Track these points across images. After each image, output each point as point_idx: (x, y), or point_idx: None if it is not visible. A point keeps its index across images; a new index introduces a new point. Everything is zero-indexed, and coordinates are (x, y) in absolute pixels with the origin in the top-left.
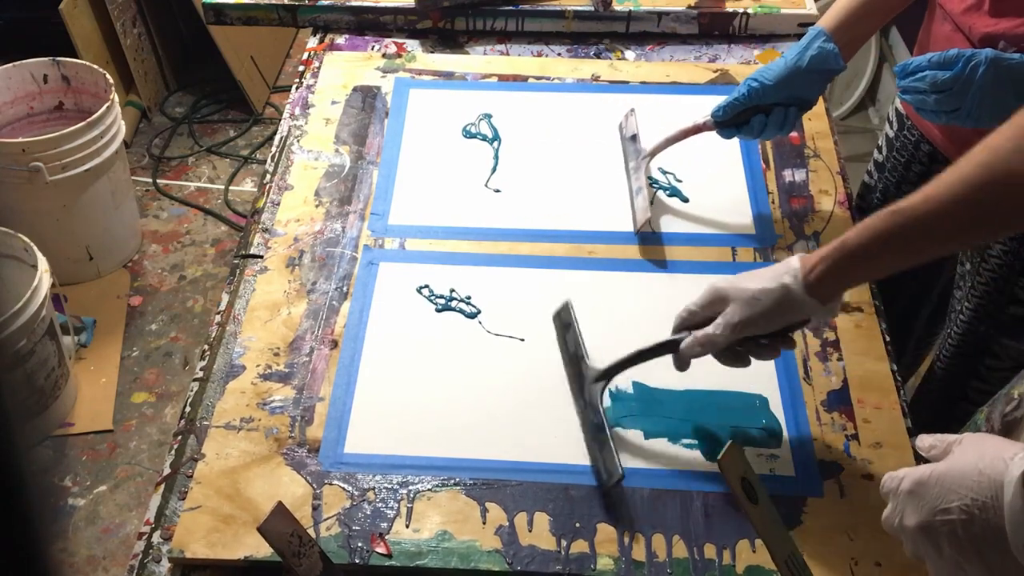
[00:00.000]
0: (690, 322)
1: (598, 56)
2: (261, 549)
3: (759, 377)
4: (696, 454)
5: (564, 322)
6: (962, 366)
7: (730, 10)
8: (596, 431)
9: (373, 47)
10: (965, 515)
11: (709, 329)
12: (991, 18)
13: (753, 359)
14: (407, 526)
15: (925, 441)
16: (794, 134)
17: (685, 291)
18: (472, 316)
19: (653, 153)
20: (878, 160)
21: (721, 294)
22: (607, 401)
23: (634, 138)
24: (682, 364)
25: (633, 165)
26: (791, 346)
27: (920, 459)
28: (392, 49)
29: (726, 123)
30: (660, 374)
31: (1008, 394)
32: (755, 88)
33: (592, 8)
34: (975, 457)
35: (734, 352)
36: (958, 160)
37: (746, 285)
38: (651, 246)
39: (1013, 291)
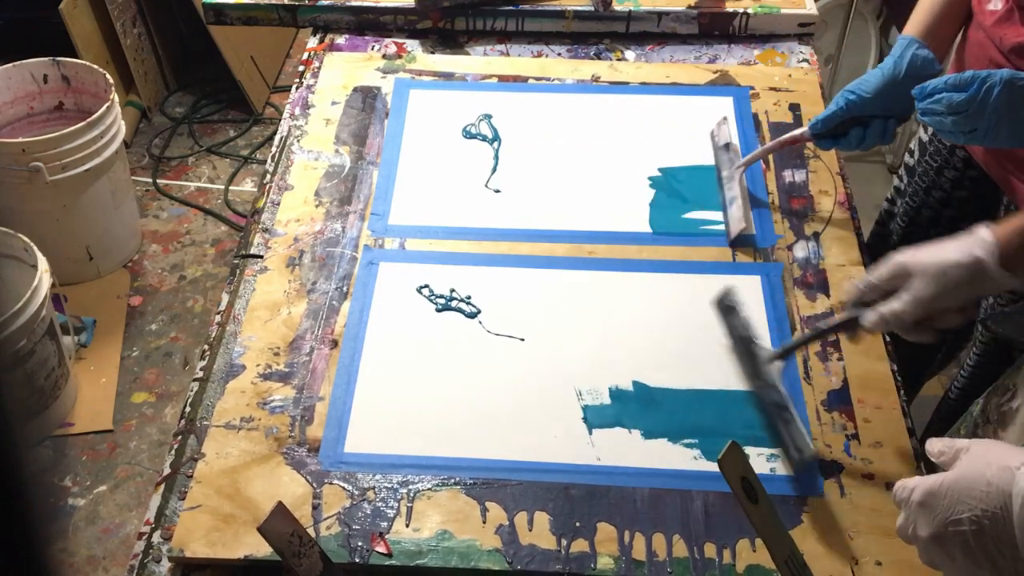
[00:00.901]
0: (869, 296)
1: (598, 56)
2: (261, 548)
3: None
4: (696, 454)
5: (727, 306)
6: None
7: (730, 10)
8: (780, 410)
9: (373, 47)
10: (976, 526)
11: (895, 305)
12: (1023, 27)
13: (939, 328)
14: (407, 525)
15: (935, 447)
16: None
17: (685, 291)
18: (472, 316)
19: (748, 163)
20: (909, 164)
21: (905, 268)
22: (608, 399)
23: (727, 147)
24: (859, 339)
25: (727, 174)
26: (975, 314)
27: (929, 463)
28: (392, 49)
29: (823, 135)
30: (660, 374)
31: (1003, 384)
32: (853, 101)
33: (592, 8)
34: (983, 466)
35: (919, 325)
36: None
37: (932, 259)
38: (651, 246)
39: None
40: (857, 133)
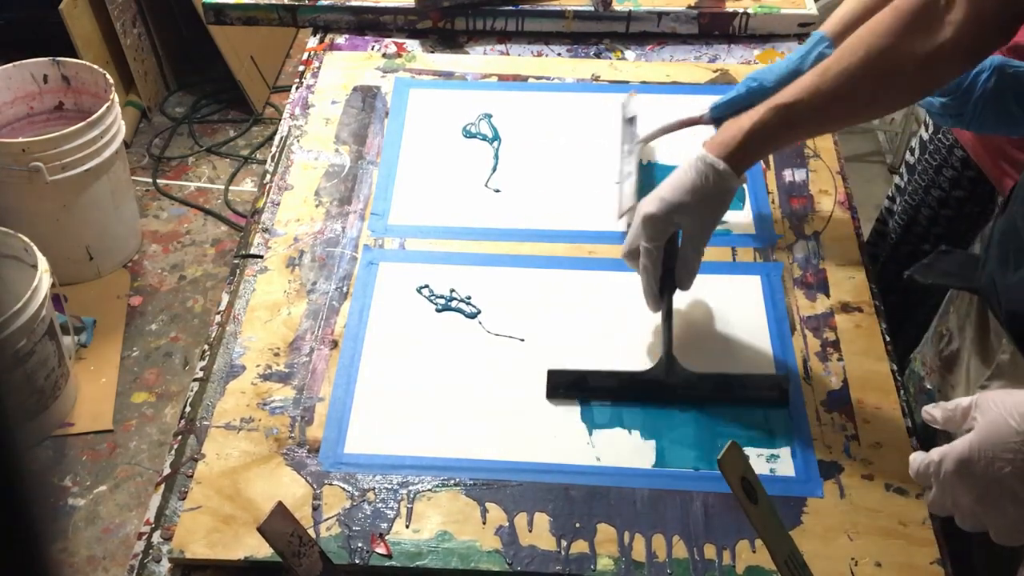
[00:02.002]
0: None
1: (598, 56)
2: (261, 549)
3: None
4: (696, 453)
5: (571, 382)
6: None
7: (730, 10)
8: (722, 383)
9: (373, 47)
10: (1020, 476)
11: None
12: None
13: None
14: (407, 526)
15: (935, 414)
16: None
17: (685, 291)
18: (472, 316)
19: (646, 140)
20: (909, 162)
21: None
22: (607, 401)
23: (632, 120)
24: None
25: (627, 148)
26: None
27: (925, 438)
28: (392, 49)
29: (723, 120)
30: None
31: (936, 331)
32: (754, 88)
33: (592, 8)
34: (1005, 416)
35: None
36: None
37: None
38: None
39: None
40: None
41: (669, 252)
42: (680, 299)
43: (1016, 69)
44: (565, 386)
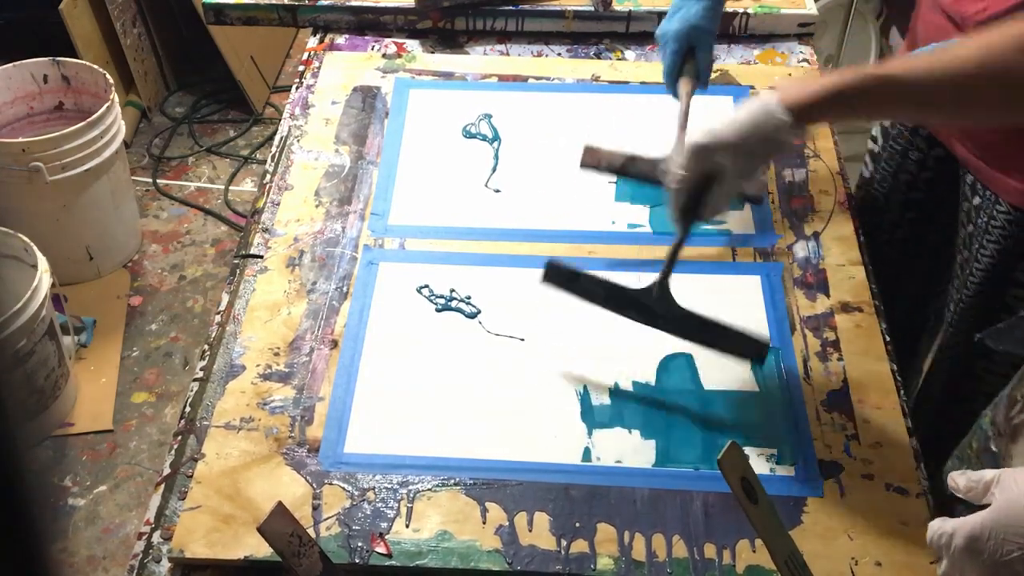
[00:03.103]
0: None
1: (598, 56)
2: (261, 549)
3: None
4: (696, 454)
5: (566, 278)
6: (958, 367)
7: (730, 10)
8: (705, 327)
9: (373, 47)
10: None
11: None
12: (981, 2)
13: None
14: (407, 526)
15: (959, 482)
16: None
17: (685, 291)
18: (472, 316)
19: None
20: (874, 150)
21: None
22: (607, 400)
23: (633, 159)
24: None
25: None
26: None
27: (938, 499)
28: (392, 49)
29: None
30: (660, 373)
31: (1011, 395)
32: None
33: (592, 8)
34: (1020, 498)
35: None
36: (956, 48)
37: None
38: (651, 246)
39: (1013, 274)
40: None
41: (705, 184)
42: (680, 298)
43: None
44: (559, 278)
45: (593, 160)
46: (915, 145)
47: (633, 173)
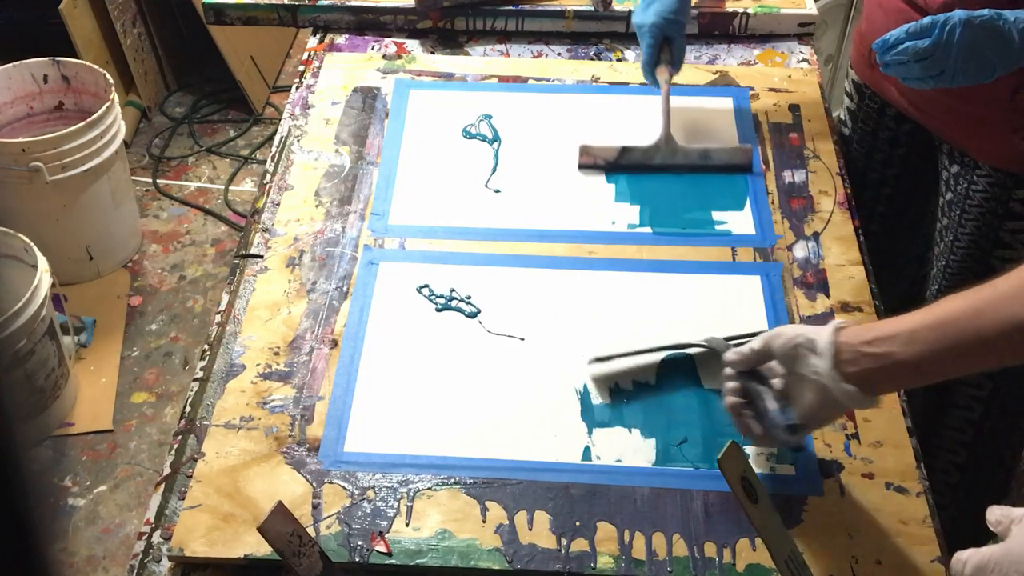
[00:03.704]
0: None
1: (598, 56)
2: (261, 548)
3: None
4: (696, 453)
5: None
6: None
7: (730, 10)
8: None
9: (373, 47)
10: None
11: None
12: None
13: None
14: (407, 525)
15: (993, 514)
16: (794, 135)
17: (685, 291)
18: (472, 316)
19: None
20: (844, 134)
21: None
22: (608, 399)
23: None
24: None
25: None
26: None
27: (980, 540)
28: (392, 49)
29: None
30: (660, 373)
31: None
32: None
33: (592, 8)
34: None
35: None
36: (1007, 278)
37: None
38: (651, 246)
39: (998, 235)
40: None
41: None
42: (680, 298)
43: (982, 18)
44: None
45: (589, 158)
46: (884, 125)
47: (629, 163)
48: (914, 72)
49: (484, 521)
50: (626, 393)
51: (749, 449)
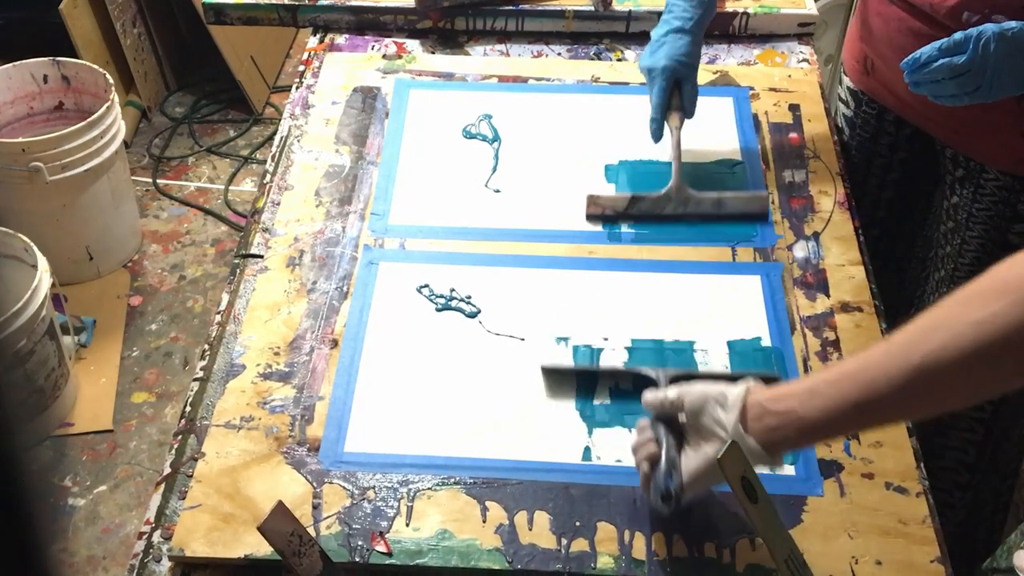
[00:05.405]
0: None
1: (598, 56)
2: (261, 548)
3: None
4: None
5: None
6: None
7: (730, 10)
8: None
9: (373, 47)
10: None
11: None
12: None
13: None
14: (407, 525)
15: (1022, 560)
16: (794, 135)
17: (685, 291)
18: (472, 316)
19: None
20: (842, 140)
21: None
22: (607, 399)
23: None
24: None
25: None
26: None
27: (986, 541)
28: (392, 49)
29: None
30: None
31: None
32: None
33: (592, 8)
34: None
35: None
36: (897, 336)
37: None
38: (651, 246)
39: (1006, 238)
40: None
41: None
42: (680, 298)
43: (1014, 30)
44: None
45: (597, 208)
46: (884, 130)
47: (639, 214)
48: (948, 89)
49: (484, 521)
50: (626, 393)
51: None
